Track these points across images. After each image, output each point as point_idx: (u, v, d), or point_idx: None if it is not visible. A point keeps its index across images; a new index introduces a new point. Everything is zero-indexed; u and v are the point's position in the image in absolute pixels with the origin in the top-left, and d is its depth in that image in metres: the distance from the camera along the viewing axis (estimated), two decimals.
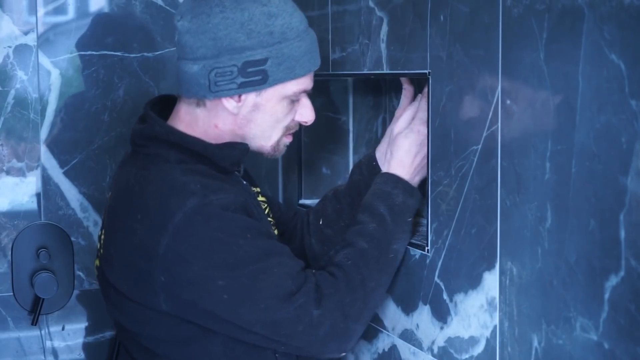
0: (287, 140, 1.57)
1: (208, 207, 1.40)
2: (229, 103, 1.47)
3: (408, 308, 1.56)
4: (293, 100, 1.51)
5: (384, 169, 1.59)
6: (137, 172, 1.47)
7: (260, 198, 1.62)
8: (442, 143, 1.43)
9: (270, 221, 1.61)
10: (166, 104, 1.58)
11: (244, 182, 1.58)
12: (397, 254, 1.52)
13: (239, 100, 1.46)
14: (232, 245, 1.39)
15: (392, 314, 1.62)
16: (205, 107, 1.49)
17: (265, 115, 1.49)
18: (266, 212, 1.62)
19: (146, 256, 1.39)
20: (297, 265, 1.45)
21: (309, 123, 1.57)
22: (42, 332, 1.97)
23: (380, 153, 1.64)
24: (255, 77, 1.43)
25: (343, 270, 1.46)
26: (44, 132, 1.93)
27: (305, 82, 1.51)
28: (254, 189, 1.64)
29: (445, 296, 1.44)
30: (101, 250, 1.54)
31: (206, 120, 1.50)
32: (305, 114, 1.55)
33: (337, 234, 1.70)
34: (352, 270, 1.46)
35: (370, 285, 1.46)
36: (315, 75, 1.91)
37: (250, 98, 1.47)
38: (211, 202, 1.40)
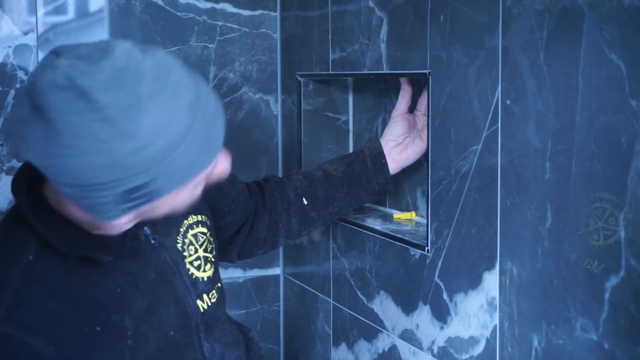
0: None
1: None
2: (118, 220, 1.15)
3: (408, 308, 1.56)
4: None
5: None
6: None
7: (196, 230, 1.45)
8: (442, 143, 1.43)
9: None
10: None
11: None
12: None
13: (130, 218, 1.16)
14: None
15: (392, 314, 1.61)
16: None
17: (163, 209, 1.20)
18: (202, 244, 1.45)
19: None
20: None
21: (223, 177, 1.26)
22: None
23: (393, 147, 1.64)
24: (142, 199, 1.11)
25: None
26: None
27: (209, 170, 1.18)
28: (193, 217, 1.45)
29: (445, 296, 1.44)
30: None
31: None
32: (219, 170, 1.23)
33: (321, 218, 1.65)
34: None
35: None
36: (316, 75, 1.91)
37: (143, 209, 1.15)
38: None
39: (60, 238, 1.19)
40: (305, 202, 1.63)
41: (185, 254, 1.39)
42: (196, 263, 1.41)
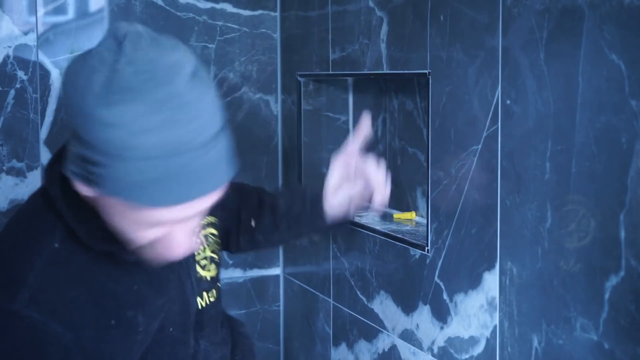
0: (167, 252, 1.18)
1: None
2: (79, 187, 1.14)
3: (408, 308, 1.56)
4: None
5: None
6: None
7: (207, 230, 1.44)
8: (442, 143, 1.43)
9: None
10: None
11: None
12: None
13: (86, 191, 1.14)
14: None
15: (392, 314, 1.61)
16: None
17: (116, 218, 1.17)
18: (210, 244, 1.43)
19: None
20: None
21: (175, 259, 1.20)
22: None
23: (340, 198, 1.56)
24: (91, 176, 1.09)
25: None
26: (44, 132, 1.93)
27: (171, 214, 1.11)
28: (207, 218, 1.42)
29: (445, 296, 1.44)
30: None
31: None
32: (170, 248, 1.17)
33: (267, 243, 1.64)
34: None
35: None
36: (316, 75, 1.91)
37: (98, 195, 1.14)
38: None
39: (87, 232, 1.20)
40: (253, 224, 1.63)
41: (195, 253, 1.41)
42: (203, 262, 1.43)
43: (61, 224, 1.21)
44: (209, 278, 1.44)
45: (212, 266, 1.44)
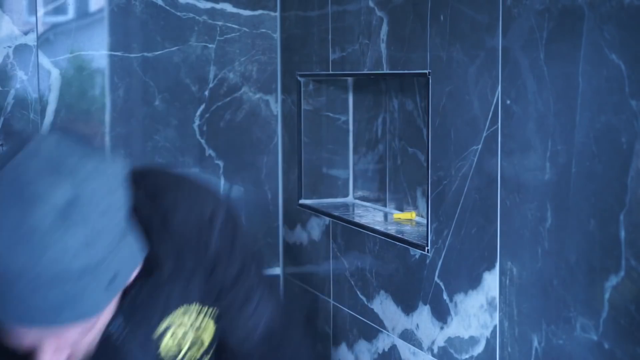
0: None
1: None
2: None
3: (408, 308, 1.56)
4: None
5: None
6: None
7: (195, 319, 1.28)
8: (442, 143, 1.43)
9: None
10: None
11: None
12: None
13: None
14: None
15: (392, 314, 1.62)
16: None
17: None
18: (198, 329, 1.29)
19: None
20: None
21: None
22: None
23: None
24: None
25: None
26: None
27: (16, 333, 1.05)
28: (198, 306, 1.28)
29: (445, 296, 1.44)
30: None
31: None
32: None
33: None
34: None
35: None
36: (316, 75, 1.91)
37: None
38: None
39: None
40: None
41: (167, 338, 1.27)
42: (187, 343, 1.28)
43: None
44: (187, 357, 1.34)
45: (195, 349, 1.29)
